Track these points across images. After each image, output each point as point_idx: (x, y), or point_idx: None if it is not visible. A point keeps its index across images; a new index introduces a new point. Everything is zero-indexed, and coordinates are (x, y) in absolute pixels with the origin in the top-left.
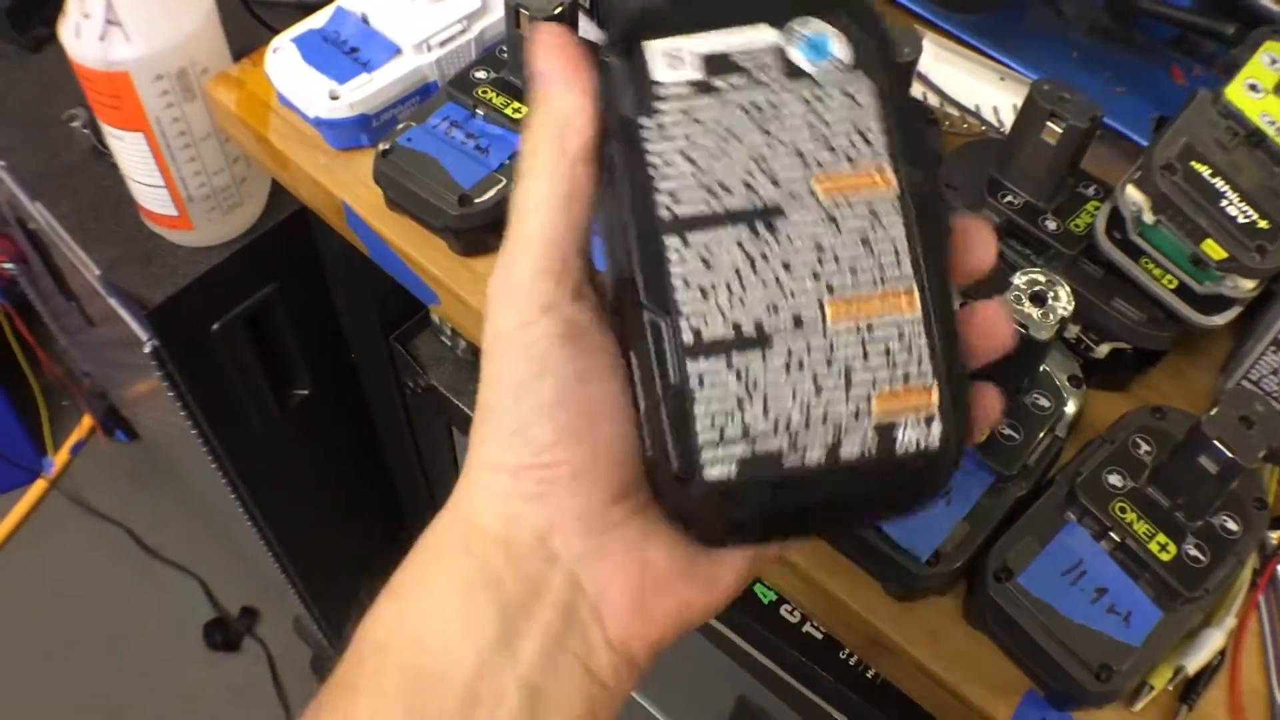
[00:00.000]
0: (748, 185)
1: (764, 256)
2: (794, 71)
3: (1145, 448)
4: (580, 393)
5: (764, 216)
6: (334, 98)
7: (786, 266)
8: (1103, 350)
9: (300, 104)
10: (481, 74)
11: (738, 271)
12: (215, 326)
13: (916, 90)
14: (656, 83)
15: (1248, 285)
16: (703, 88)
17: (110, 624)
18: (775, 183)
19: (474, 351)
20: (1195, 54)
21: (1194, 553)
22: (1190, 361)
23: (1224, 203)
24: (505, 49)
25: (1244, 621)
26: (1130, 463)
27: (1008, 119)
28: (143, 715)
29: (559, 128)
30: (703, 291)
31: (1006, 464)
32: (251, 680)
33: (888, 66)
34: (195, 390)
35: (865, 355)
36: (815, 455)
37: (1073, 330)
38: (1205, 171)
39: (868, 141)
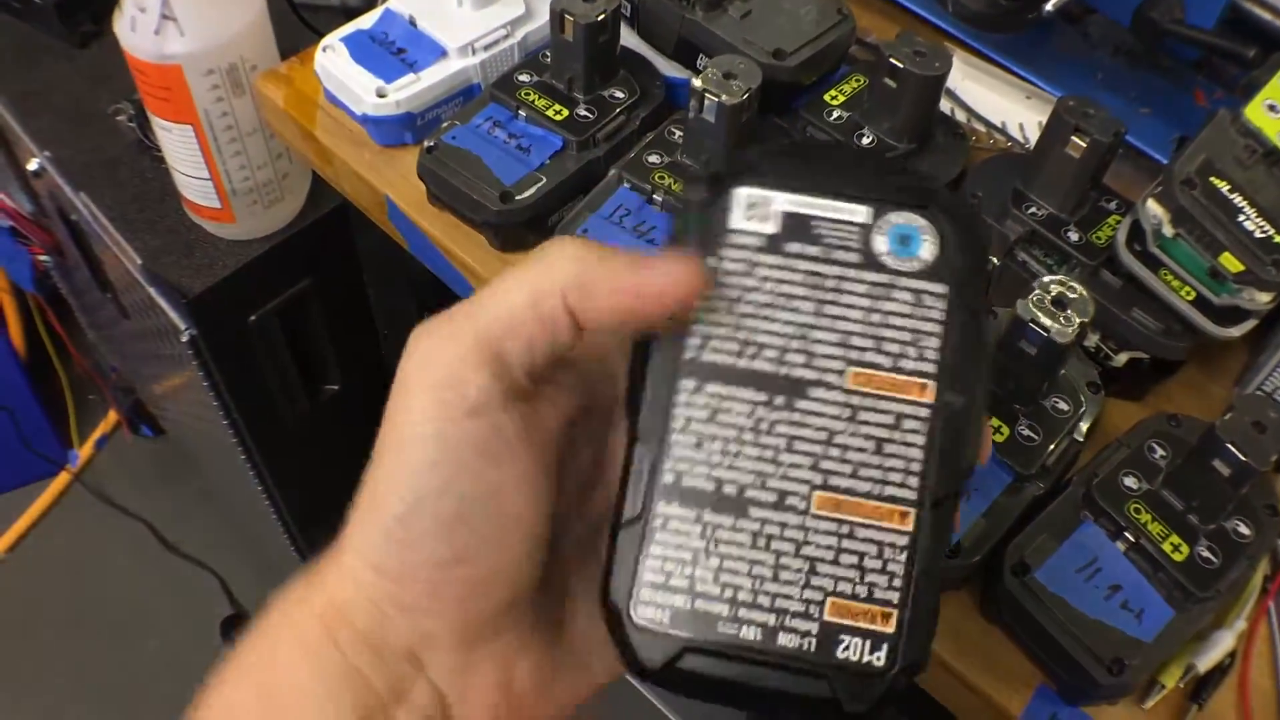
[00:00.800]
0: (782, 354)
1: (771, 427)
2: (870, 258)
3: (1160, 452)
4: (483, 511)
5: (787, 389)
6: (381, 96)
7: (790, 444)
8: (1121, 359)
9: (348, 101)
10: (525, 77)
11: (740, 432)
12: (252, 318)
13: (945, 106)
14: (731, 229)
15: (1264, 298)
16: (773, 246)
17: (129, 618)
18: (810, 361)
19: None
20: (1218, 77)
21: (1206, 554)
22: (1206, 373)
23: (1241, 218)
24: (548, 53)
25: (1255, 625)
26: (1146, 466)
27: (1033, 135)
28: (159, 710)
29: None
30: (698, 440)
31: (1025, 464)
32: None
33: (972, 276)
34: (229, 381)
35: (837, 556)
36: (751, 633)
37: (1092, 339)
38: (1224, 187)
39: (920, 349)
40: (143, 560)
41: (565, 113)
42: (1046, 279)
